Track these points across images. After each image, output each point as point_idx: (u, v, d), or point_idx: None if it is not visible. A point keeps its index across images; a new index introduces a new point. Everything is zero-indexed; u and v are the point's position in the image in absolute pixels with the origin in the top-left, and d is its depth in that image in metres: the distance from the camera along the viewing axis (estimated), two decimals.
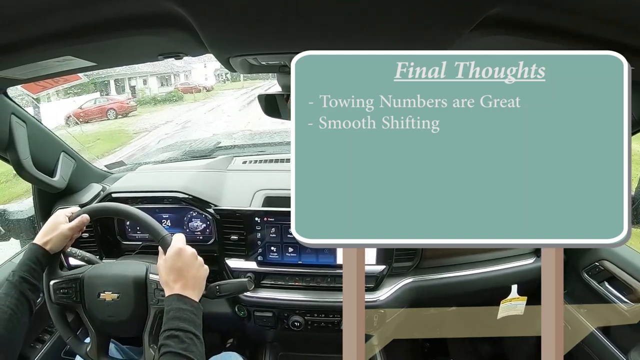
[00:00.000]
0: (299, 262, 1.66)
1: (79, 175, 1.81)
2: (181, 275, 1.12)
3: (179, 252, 1.16)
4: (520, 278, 1.71)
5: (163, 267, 1.15)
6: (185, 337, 0.99)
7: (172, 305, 1.06)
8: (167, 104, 15.26)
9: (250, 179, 1.86)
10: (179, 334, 0.99)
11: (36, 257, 1.17)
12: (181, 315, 1.03)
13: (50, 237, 1.21)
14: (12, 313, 1.07)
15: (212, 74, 16.91)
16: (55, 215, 1.26)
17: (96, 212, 1.31)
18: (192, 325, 1.03)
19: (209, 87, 17.22)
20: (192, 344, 0.99)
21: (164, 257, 1.17)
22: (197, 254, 1.20)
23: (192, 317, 1.05)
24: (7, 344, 1.04)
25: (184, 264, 1.14)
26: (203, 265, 1.20)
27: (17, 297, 1.09)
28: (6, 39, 0.85)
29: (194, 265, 1.16)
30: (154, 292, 1.25)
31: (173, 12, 0.76)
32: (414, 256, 1.68)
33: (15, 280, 1.11)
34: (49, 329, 1.72)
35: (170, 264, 1.14)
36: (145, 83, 16.82)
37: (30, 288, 1.13)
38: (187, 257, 1.16)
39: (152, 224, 1.26)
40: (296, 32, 0.86)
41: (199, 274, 1.17)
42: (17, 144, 1.39)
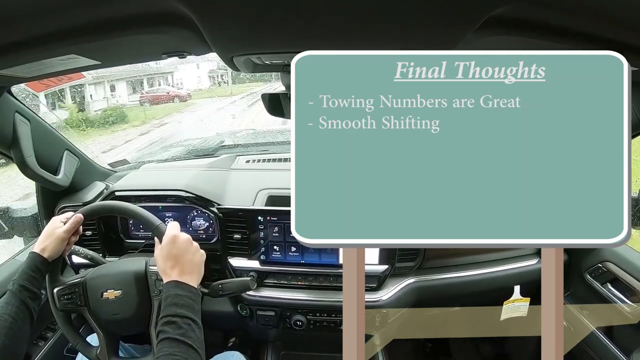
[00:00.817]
0: (301, 261, 1.66)
1: (83, 173, 1.82)
2: (177, 261, 1.12)
3: (173, 239, 1.16)
4: (523, 279, 1.71)
5: (159, 255, 1.15)
6: (183, 323, 0.99)
7: (170, 291, 1.06)
8: (107, 127, 9.67)
9: (253, 178, 1.87)
10: (176, 319, 0.99)
11: (35, 265, 1.18)
12: (178, 302, 1.03)
13: (48, 242, 1.21)
14: (13, 321, 1.07)
15: (205, 75, 14.61)
16: (51, 222, 1.27)
17: (89, 212, 1.31)
18: (190, 311, 1.03)
19: (184, 96, 13.40)
20: (189, 329, 0.99)
21: (160, 246, 1.18)
22: (192, 240, 1.20)
23: (190, 302, 1.05)
24: (8, 353, 1.05)
25: (179, 251, 1.14)
26: (199, 250, 1.20)
27: (18, 306, 1.10)
28: (10, 38, 0.85)
29: (190, 250, 1.16)
30: (155, 284, 1.26)
31: (177, 11, 0.76)
32: (416, 256, 1.68)
33: (15, 288, 1.12)
34: (51, 327, 1.72)
35: (167, 251, 1.14)
36: (113, 90, 12.62)
37: (31, 296, 1.13)
38: (182, 243, 1.16)
39: (145, 215, 1.27)
40: (300, 31, 0.86)
41: (195, 259, 1.17)
42: (20, 142, 1.39)
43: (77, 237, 1.31)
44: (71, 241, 1.28)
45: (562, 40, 0.82)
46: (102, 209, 1.35)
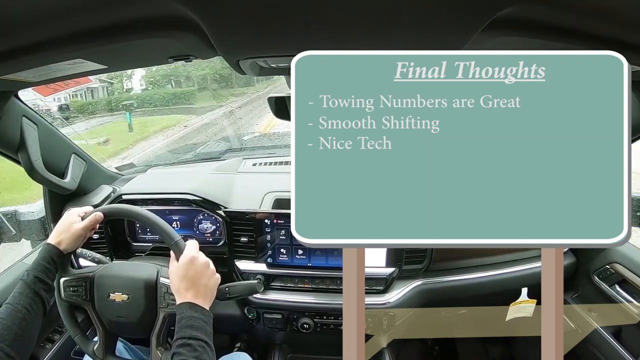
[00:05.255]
0: (308, 264, 1.66)
1: (90, 176, 1.83)
2: (193, 284, 1.13)
3: (192, 260, 1.16)
4: (530, 281, 1.70)
5: (175, 274, 1.16)
6: (197, 345, 1.00)
7: (184, 313, 1.07)
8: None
9: (260, 181, 1.88)
10: (191, 342, 1.00)
11: (50, 257, 1.18)
12: (193, 324, 1.04)
13: (64, 236, 1.22)
14: (27, 312, 1.08)
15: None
16: (68, 214, 1.27)
17: (110, 212, 1.32)
18: (204, 333, 1.04)
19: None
20: (203, 352, 1.00)
21: (176, 263, 1.18)
22: (209, 262, 1.20)
23: (204, 325, 1.06)
24: (20, 343, 1.05)
25: (196, 273, 1.15)
26: (215, 274, 1.21)
27: (32, 297, 1.10)
28: (18, 42, 0.86)
29: (206, 274, 1.17)
30: (164, 296, 1.26)
31: (183, 15, 0.76)
32: (423, 258, 1.67)
33: (30, 279, 1.13)
34: (59, 329, 1.73)
35: (183, 272, 1.14)
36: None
37: (45, 288, 1.14)
38: (200, 265, 1.16)
39: (165, 228, 1.27)
40: (306, 34, 0.86)
41: (211, 283, 1.17)
42: (28, 146, 1.40)
43: (92, 233, 1.33)
44: (86, 237, 1.29)
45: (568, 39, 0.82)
46: (123, 212, 1.35)
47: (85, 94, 7.77)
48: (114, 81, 8.00)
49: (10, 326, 1.04)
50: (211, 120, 6.98)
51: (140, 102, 8.25)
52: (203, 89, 8.45)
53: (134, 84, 8.15)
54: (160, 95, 8.56)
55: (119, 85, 8.16)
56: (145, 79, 8.43)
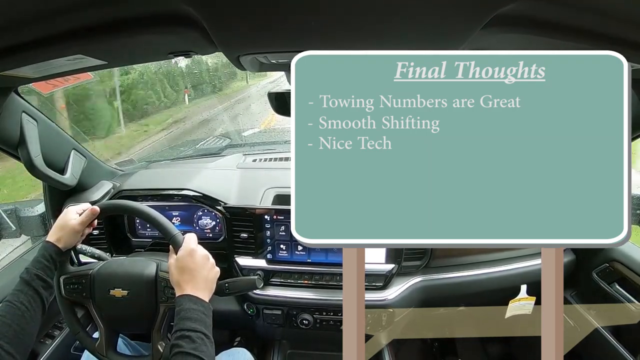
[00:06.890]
0: (308, 260, 1.66)
1: (90, 172, 1.83)
2: (193, 276, 1.13)
3: (191, 252, 1.17)
4: (529, 278, 1.70)
5: (174, 267, 1.16)
6: (196, 337, 1.00)
7: (183, 305, 1.07)
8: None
9: (260, 177, 1.87)
10: (190, 334, 1.00)
11: (49, 255, 1.18)
12: (192, 316, 1.04)
13: (62, 233, 1.21)
14: (26, 309, 1.08)
15: None
16: (65, 212, 1.27)
17: (107, 207, 1.32)
18: (203, 326, 1.04)
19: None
20: (202, 344, 1.00)
21: (175, 256, 1.18)
22: (208, 256, 1.20)
23: (203, 317, 1.06)
24: (20, 340, 1.05)
25: (196, 266, 1.15)
26: (214, 267, 1.21)
27: (31, 294, 1.10)
28: (18, 38, 0.86)
29: (206, 267, 1.17)
30: (163, 290, 1.26)
31: (184, 12, 0.76)
32: (423, 255, 1.68)
33: (29, 277, 1.12)
34: (58, 325, 1.74)
35: (182, 264, 1.15)
36: None
37: (43, 285, 1.14)
38: (199, 258, 1.17)
39: (163, 223, 1.26)
40: (306, 30, 0.86)
41: (210, 276, 1.17)
42: (28, 142, 1.40)
43: (91, 229, 1.32)
44: (85, 233, 1.29)
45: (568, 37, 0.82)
46: (120, 208, 1.35)
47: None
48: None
49: (10, 324, 1.04)
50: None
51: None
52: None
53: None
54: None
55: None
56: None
